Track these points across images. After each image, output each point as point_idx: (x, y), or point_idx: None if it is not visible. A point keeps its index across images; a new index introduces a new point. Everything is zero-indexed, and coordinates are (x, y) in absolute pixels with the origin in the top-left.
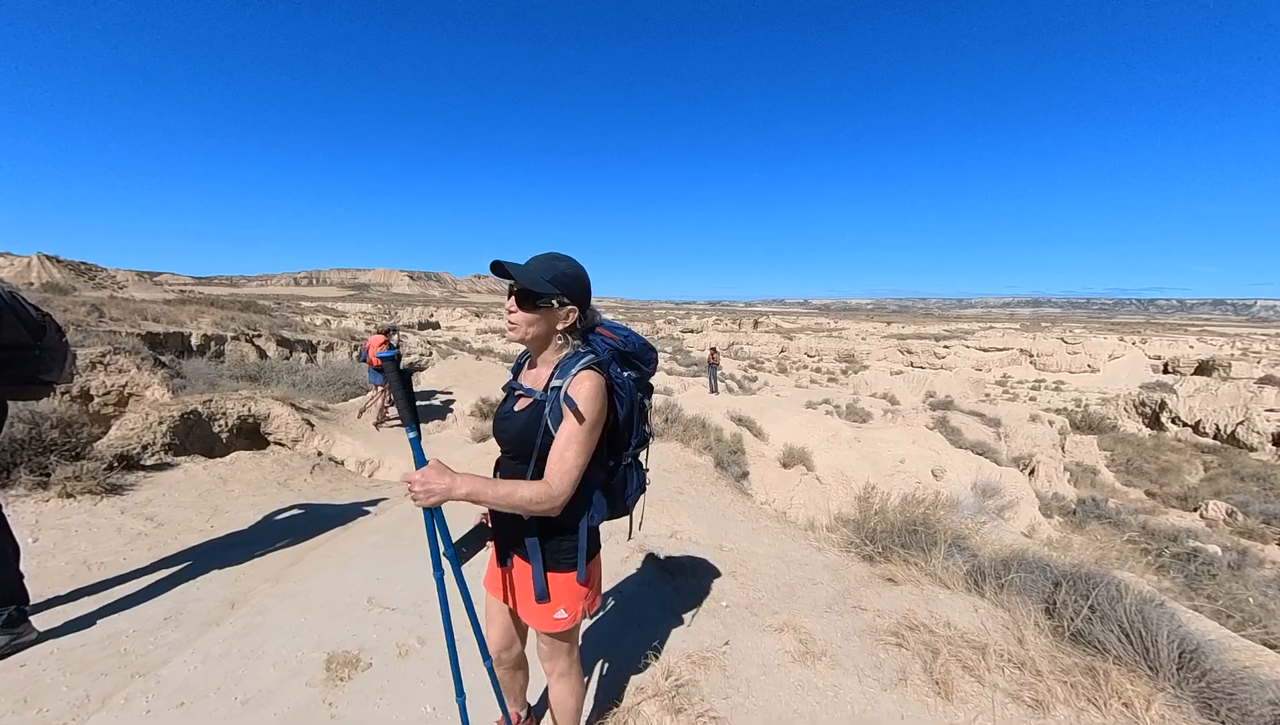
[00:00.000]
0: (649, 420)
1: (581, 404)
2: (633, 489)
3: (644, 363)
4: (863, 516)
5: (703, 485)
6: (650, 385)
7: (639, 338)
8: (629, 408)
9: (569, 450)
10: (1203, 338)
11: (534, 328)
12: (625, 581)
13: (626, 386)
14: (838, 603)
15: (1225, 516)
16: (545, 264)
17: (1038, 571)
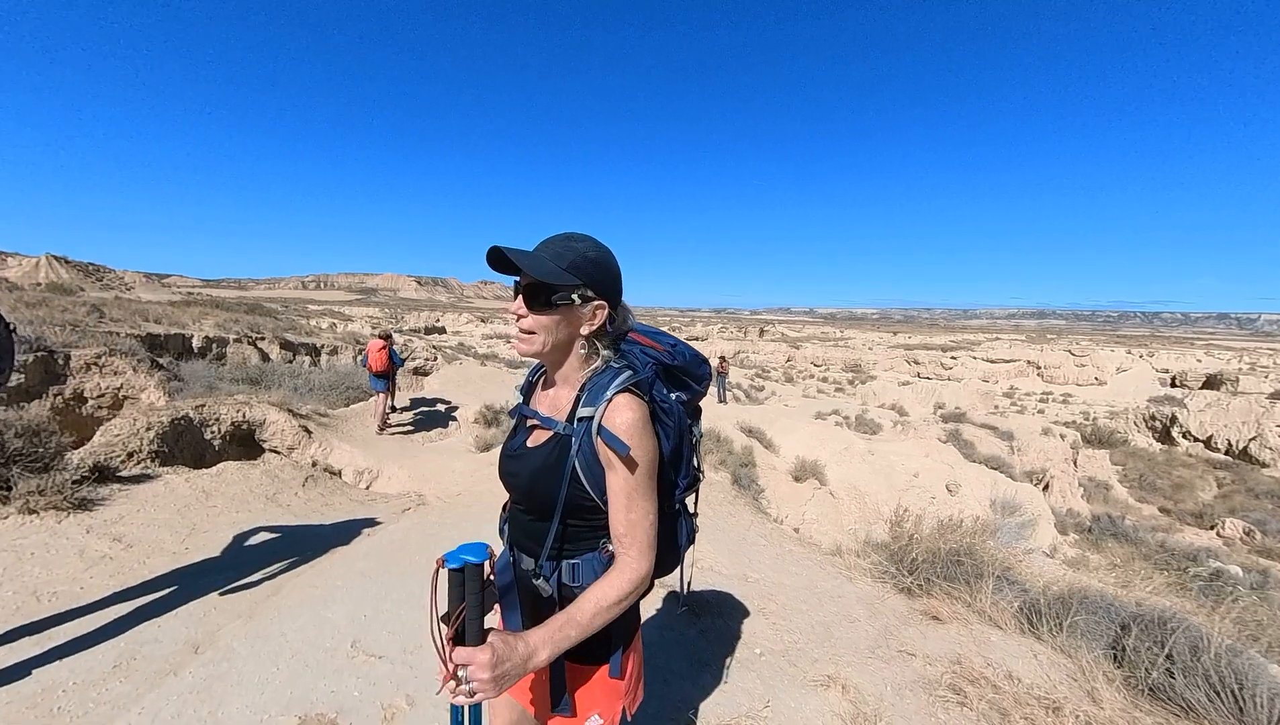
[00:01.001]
0: (699, 453)
1: (629, 440)
2: (683, 541)
3: (695, 380)
4: (897, 542)
5: (720, 504)
6: (699, 408)
7: (687, 347)
8: (677, 438)
9: (635, 509)
10: (1209, 351)
11: (552, 335)
12: (645, 625)
13: (674, 412)
14: (880, 645)
15: (1243, 535)
16: (560, 247)
17: (1101, 612)
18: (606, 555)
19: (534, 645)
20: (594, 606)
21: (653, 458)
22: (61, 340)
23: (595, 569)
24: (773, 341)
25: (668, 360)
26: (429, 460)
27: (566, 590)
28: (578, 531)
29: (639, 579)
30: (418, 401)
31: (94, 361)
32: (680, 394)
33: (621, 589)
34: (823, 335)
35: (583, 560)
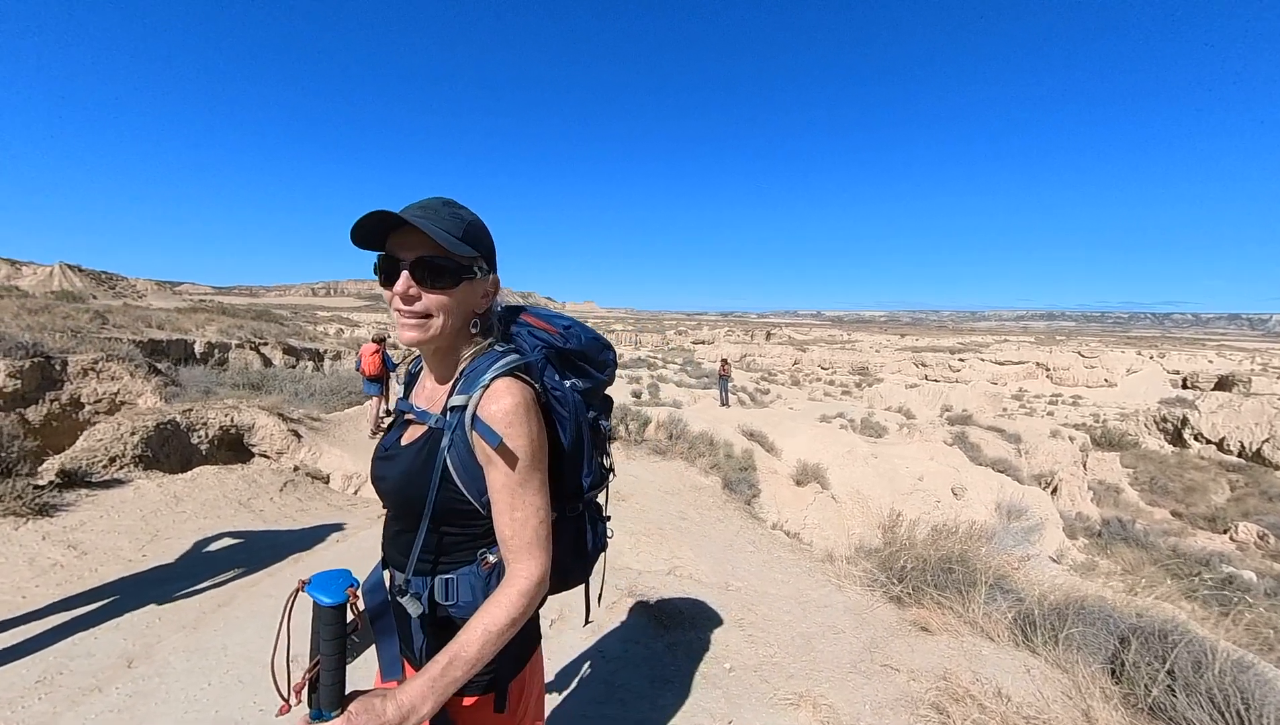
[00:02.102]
0: (608, 449)
1: (506, 430)
2: (591, 548)
3: (596, 366)
4: (888, 548)
5: (709, 509)
6: (609, 398)
7: (586, 330)
8: (575, 431)
9: (521, 507)
10: (1221, 352)
11: (453, 317)
12: (608, 637)
13: (569, 401)
14: (864, 659)
15: (1257, 539)
16: (446, 213)
17: (1099, 623)
18: (486, 569)
19: (409, 703)
20: (482, 635)
21: (537, 448)
22: (59, 346)
23: (473, 585)
24: (779, 344)
25: (560, 343)
26: None
27: (441, 610)
28: (454, 541)
29: (532, 589)
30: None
31: (91, 367)
32: (577, 381)
33: (512, 607)
34: (830, 338)
35: (458, 575)
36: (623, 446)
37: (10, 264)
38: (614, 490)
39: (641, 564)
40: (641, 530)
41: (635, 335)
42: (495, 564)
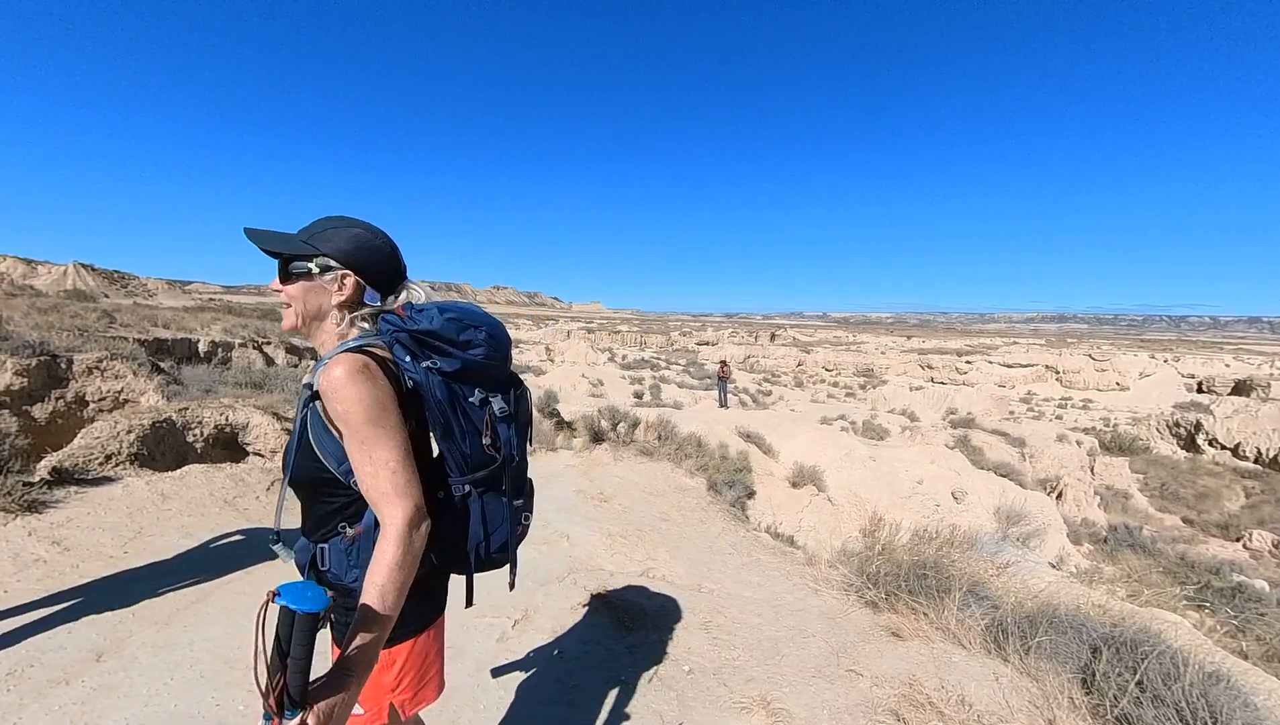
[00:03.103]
0: (495, 428)
1: (338, 393)
2: (496, 531)
3: (456, 346)
4: (866, 552)
5: (691, 511)
6: (514, 377)
7: (450, 307)
8: (437, 409)
9: (370, 460)
10: (1239, 356)
11: (301, 305)
12: (568, 637)
13: (421, 377)
14: (830, 664)
15: (1271, 547)
16: (314, 224)
17: (1071, 632)
18: (347, 542)
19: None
20: (378, 592)
21: (371, 407)
22: (65, 345)
23: (337, 556)
24: (784, 346)
25: (410, 325)
26: None
27: (324, 577)
28: (324, 512)
29: (402, 530)
30: None
31: (95, 365)
32: (438, 361)
33: (392, 555)
34: (835, 339)
35: (330, 544)
36: (610, 448)
37: (26, 263)
38: (597, 491)
39: (615, 565)
40: (619, 532)
41: (640, 336)
42: (355, 538)
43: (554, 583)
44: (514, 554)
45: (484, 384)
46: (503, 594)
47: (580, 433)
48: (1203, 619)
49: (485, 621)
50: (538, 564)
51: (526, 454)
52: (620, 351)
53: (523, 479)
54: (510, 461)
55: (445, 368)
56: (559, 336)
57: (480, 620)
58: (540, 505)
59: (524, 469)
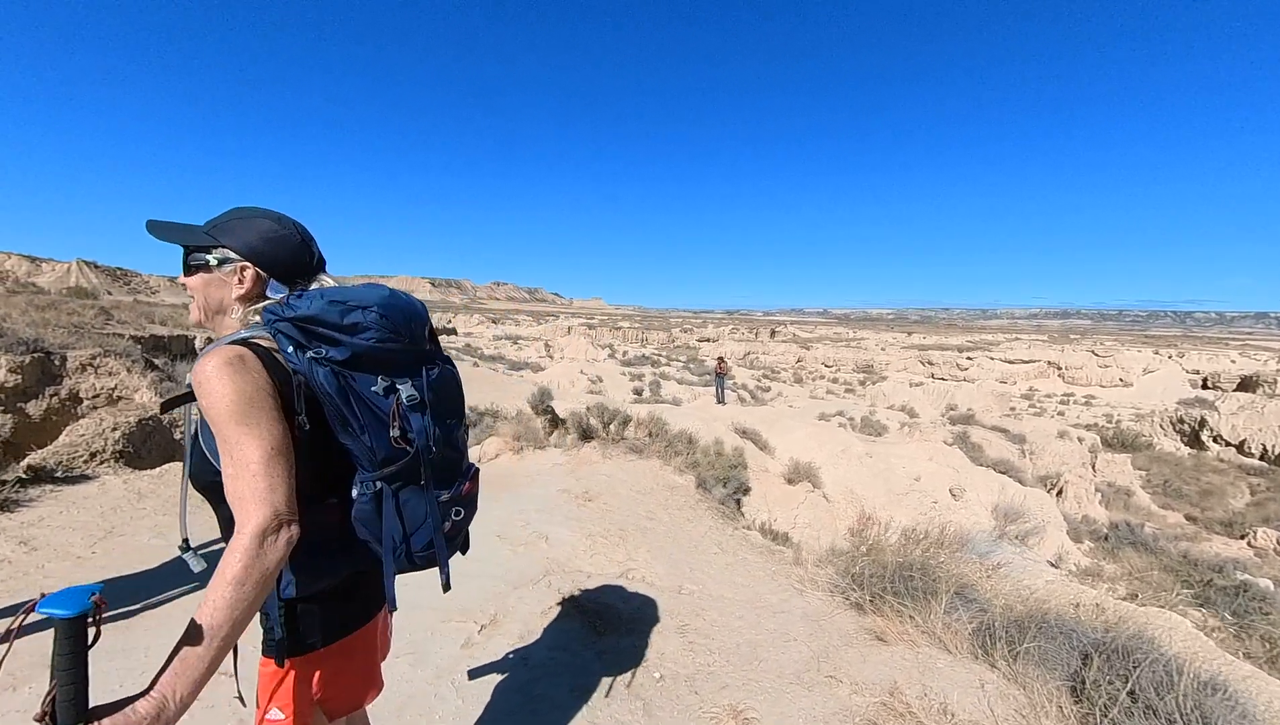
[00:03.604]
0: (405, 418)
1: (199, 391)
2: (417, 530)
3: (342, 331)
4: (853, 552)
5: (679, 510)
6: (429, 357)
7: (337, 291)
8: (328, 402)
9: (231, 460)
10: (1245, 352)
11: (202, 297)
12: (536, 644)
13: (304, 368)
14: (810, 670)
15: (1276, 545)
16: (219, 216)
17: (1061, 637)
18: None
19: (158, 700)
20: (209, 609)
21: (235, 404)
22: (60, 342)
23: None
24: (784, 342)
25: (287, 312)
26: None
27: None
28: (227, 516)
29: (251, 540)
30: None
31: (89, 362)
32: (326, 349)
33: (232, 568)
34: (835, 336)
35: None
36: (599, 445)
37: (30, 261)
38: (582, 490)
39: (594, 567)
40: (600, 532)
41: (641, 333)
42: None
43: (528, 585)
44: (443, 553)
45: (389, 370)
46: (473, 597)
47: (570, 430)
48: (1205, 618)
49: (452, 625)
50: (512, 566)
51: (461, 442)
52: (621, 348)
53: (453, 470)
54: (427, 452)
55: (337, 356)
56: (559, 333)
57: (446, 624)
58: (522, 505)
59: (454, 460)
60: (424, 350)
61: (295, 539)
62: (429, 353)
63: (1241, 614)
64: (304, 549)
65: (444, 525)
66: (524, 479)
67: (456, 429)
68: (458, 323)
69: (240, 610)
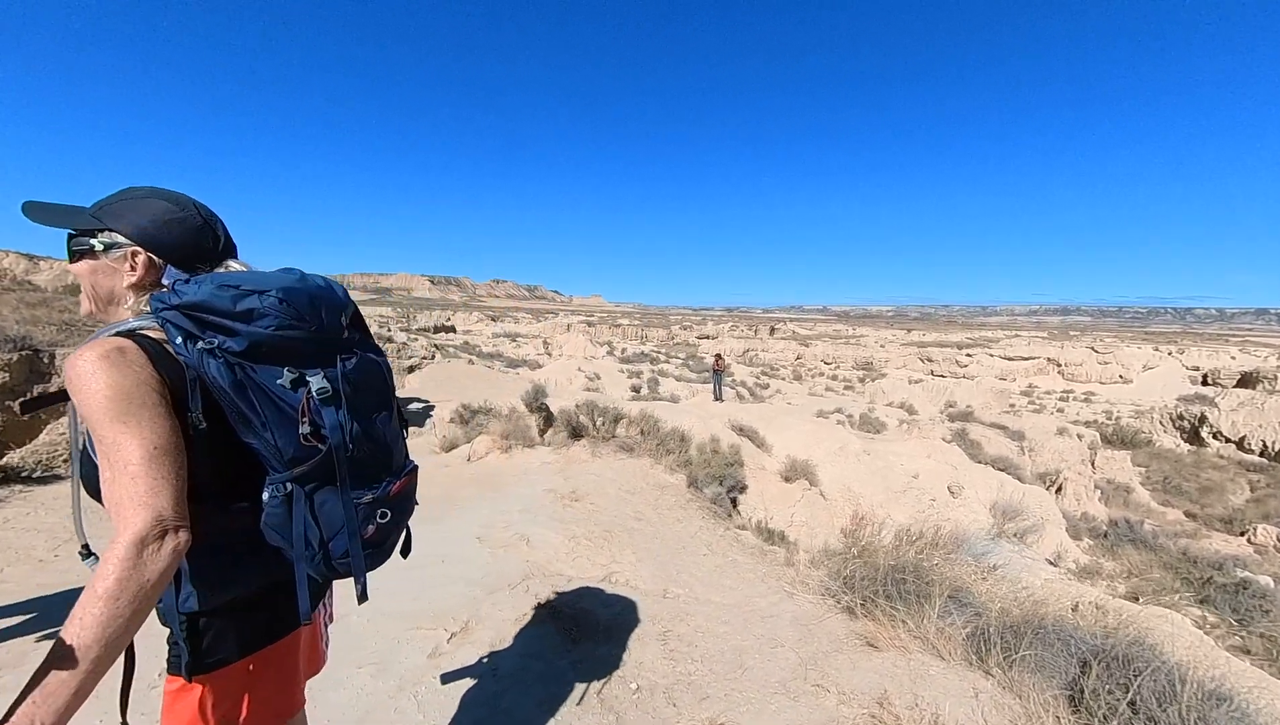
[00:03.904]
0: (316, 414)
1: (72, 389)
2: (335, 536)
3: (235, 318)
4: (843, 554)
5: (668, 509)
6: (345, 346)
7: (233, 275)
8: (222, 397)
9: (106, 466)
10: (1245, 349)
11: (89, 284)
12: (507, 652)
13: (193, 361)
14: (796, 678)
15: (1276, 542)
16: (109, 196)
17: (1059, 643)
18: None
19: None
20: (76, 625)
21: (112, 397)
22: (49, 339)
23: None
24: (783, 340)
25: (173, 299)
26: None
27: None
28: None
29: (128, 549)
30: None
31: None
32: (222, 339)
33: (106, 580)
34: (834, 333)
35: None
36: (589, 444)
37: (29, 259)
38: (569, 490)
39: (576, 570)
40: (585, 533)
41: (641, 330)
42: None
43: (505, 589)
44: (359, 561)
45: (297, 361)
46: (447, 602)
47: (560, 428)
48: (1205, 616)
49: (421, 633)
50: (490, 569)
51: (390, 437)
52: (620, 345)
53: (379, 469)
54: (343, 450)
55: (234, 347)
56: (558, 330)
57: (415, 632)
58: (506, 505)
59: (380, 457)
60: (339, 339)
61: (184, 547)
62: (346, 342)
63: (1242, 612)
64: (208, 557)
65: (366, 529)
66: (511, 478)
67: (383, 424)
68: (457, 320)
69: (114, 629)
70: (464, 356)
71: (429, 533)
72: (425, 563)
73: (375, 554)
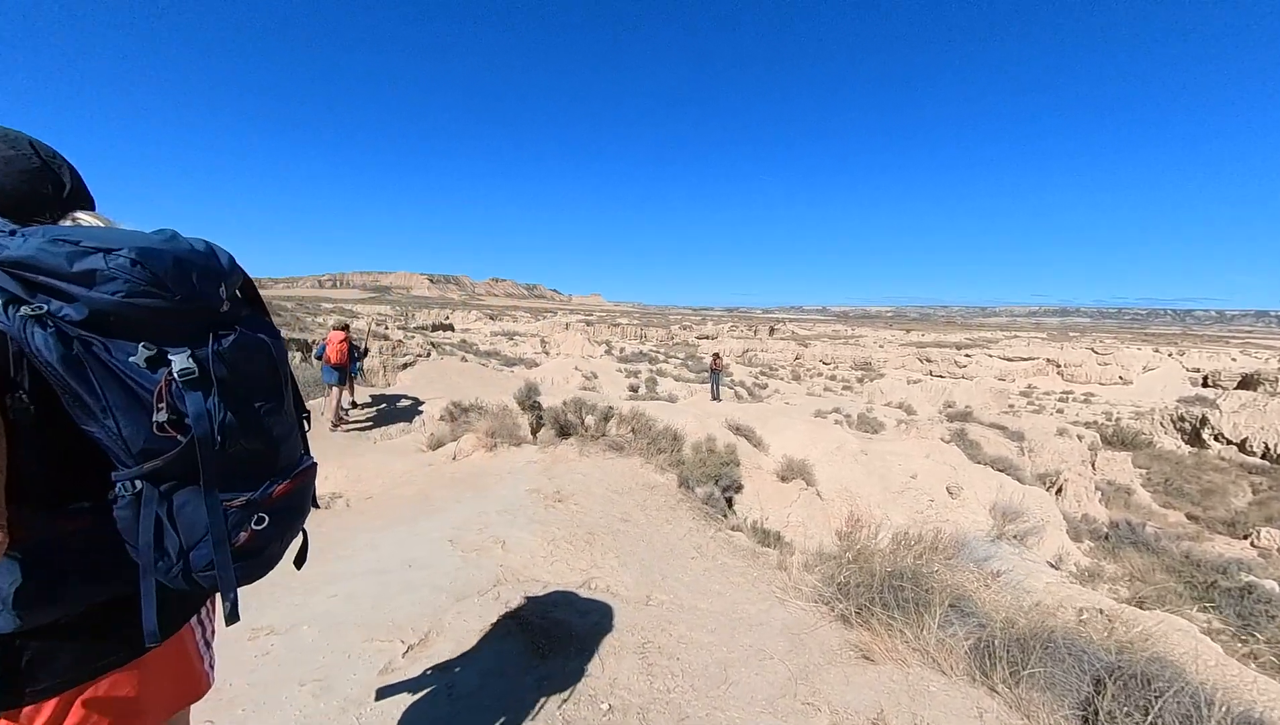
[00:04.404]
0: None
1: None
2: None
3: (71, 280)
4: (837, 559)
5: (657, 511)
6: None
7: (67, 231)
8: (52, 375)
9: None
10: (1246, 350)
11: None
12: (468, 668)
13: (12, 330)
14: (786, 695)
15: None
16: None
17: (1070, 659)
18: None
19: None
20: None
21: None
22: None
23: None
24: (782, 340)
25: None
26: (371, 459)
27: None
28: None
29: None
30: (385, 397)
31: None
32: (58, 304)
33: None
34: (834, 333)
35: None
36: (577, 442)
37: None
38: (554, 490)
39: (553, 575)
40: (566, 536)
41: (640, 329)
42: None
43: (473, 597)
44: (227, 573)
45: (156, 335)
46: (407, 611)
47: (548, 426)
48: (1210, 621)
49: (374, 646)
50: (459, 575)
51: (277, 430)
52: (619, 345)
53: (260, 467)
54: (210, 444)
55: (73, 315)
56: (556, 329)
57: (369, 645)
58: (485, 506)
59: (261, 453)
60: (216, 313)
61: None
62: (227, 317)
63: (1248, 617)
64: (31, 568)
65: (237, 537)
66: (494, 478)
67: (268, 415)
68: (455, 319)
69: None
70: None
71: (400, 535)
72: (390, 567)
73: (250, 565)
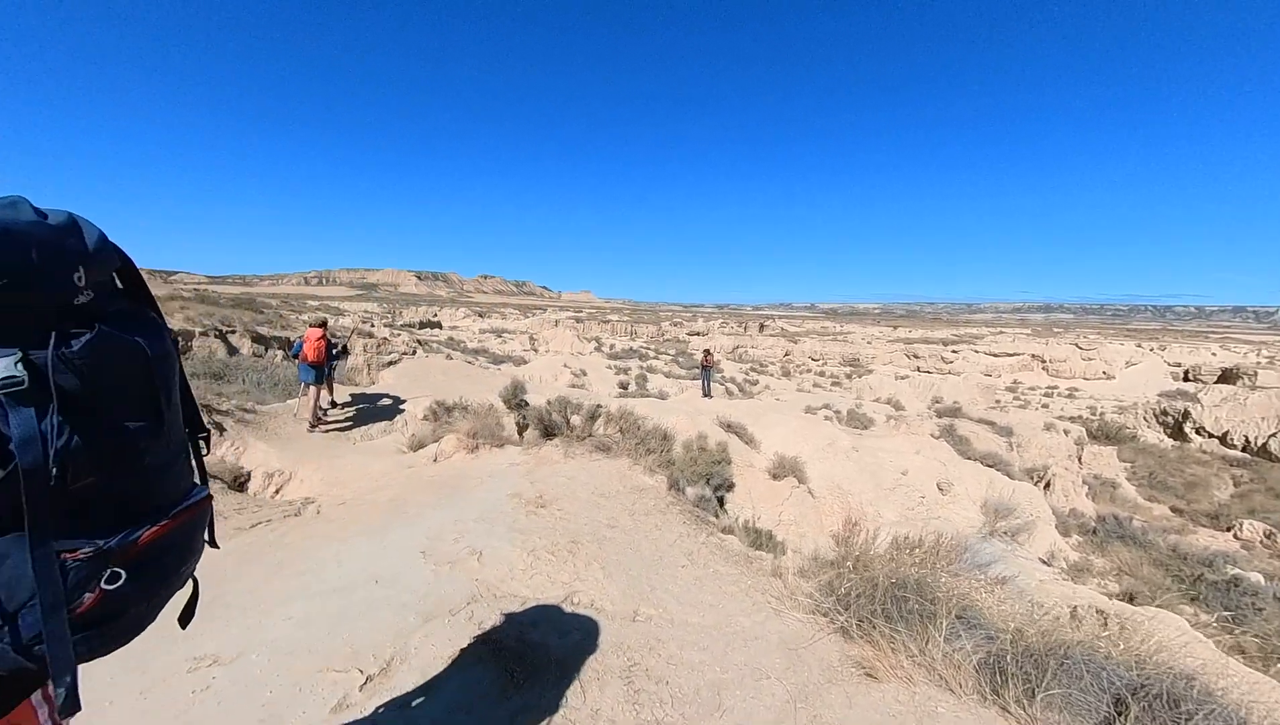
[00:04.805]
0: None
1: None
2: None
3: None
4: (836, 566)
5: (646, 515)
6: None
7: None
8: None
9: None
10: (1225, 344)
11: None
12: (433, 701)
13: None
14: (785, 720)
15: (1263, 538)
16: None
17: (1088, 675)
18: None
19: None
20: None
21: None
22: None
23: None
24: (772, 336)
25: None
26: (350, 461)
27: None
28: None
29: None
30: (367, 396)
31: None
32: None
33: None
34: (822, 330)
35: None
36: (562, 443)
37: None
38: (536, 495)
39: (532, 589)
40: (547, 545)
41: (631, 326)
42: None
43: (444, 616)
44: (62, 647)
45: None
46: (370, 635)
47: (532, 426)
48: (1197, 614)
49: (328, 677)
50: (430, 591)
51: (158, 459)
52: (609, 341)
53: (125, 504)
54: (42, 477)
55: None
56: (546, 326)
57: (322, 675)
58: (461, 513)
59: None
60: (63, 303)
61: None
62: (82, 309)
63: (1234, 609)
64: None
65: (79, 600)
66: (474, 481)
67: (139, 439)
68: (443, 316)
69: None
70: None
71: (369, 546)
72: (355, 584)
73: (99, 635)
